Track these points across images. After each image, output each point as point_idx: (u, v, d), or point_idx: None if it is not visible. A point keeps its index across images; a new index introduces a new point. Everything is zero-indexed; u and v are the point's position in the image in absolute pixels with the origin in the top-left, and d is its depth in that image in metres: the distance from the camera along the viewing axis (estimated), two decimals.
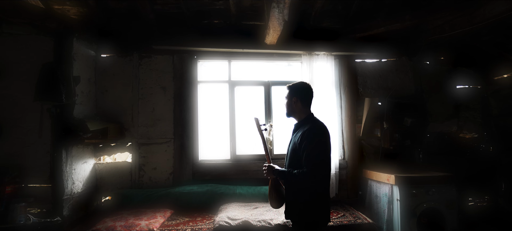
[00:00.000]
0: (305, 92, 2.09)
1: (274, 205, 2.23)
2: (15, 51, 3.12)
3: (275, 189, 2.19)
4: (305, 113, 2.08)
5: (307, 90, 2.10)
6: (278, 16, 2.68)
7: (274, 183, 2.20)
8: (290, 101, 2.10)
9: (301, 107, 2.07)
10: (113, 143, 3.63)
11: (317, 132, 1.94)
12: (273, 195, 2.20)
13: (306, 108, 2.09)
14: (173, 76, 3.82)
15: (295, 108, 2.09)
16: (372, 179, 3.62)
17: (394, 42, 4.04)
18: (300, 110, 2.08)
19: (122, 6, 3.55)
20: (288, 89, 2.14)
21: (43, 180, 3.04)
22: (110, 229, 2.86)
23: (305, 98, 2.08)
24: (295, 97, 2.07)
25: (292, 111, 2.12)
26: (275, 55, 3.98)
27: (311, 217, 1.94)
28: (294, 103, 2.08)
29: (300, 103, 2.07)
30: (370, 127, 3.92)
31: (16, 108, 3.08)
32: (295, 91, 2.09)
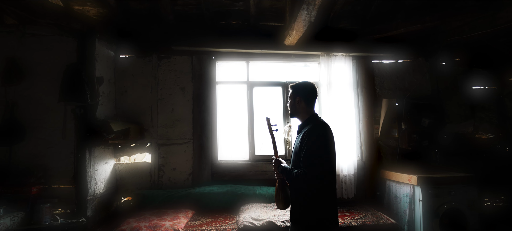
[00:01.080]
0: (309, 92, 2.04)
1: (281, 206, 2.18)
2: (38, 52, 3.12)
3: (282, 189, 2.15)
4: (308, 113, 2.04)
5: (311, 89, 2.06)
6: (305, 18, 2.69)
7: (281, 184, 2.17)
8: (294, 101, 2.07)
9: (304, 107, 2.03)
10: (133, 143, 3.64)
11: (318, 131, 1.89)
12: (280, 195, 2.16)
13: (310, 108, 2.04)
14: (192, 77, 3.83)
15: (298, 108, 2.05)
16: (391, 180, 3.64)
17: (410, 43, 4.06)
18: (304, 110, 2.04)
19: (143, 7, 3.57)
20: (291, 89, 2.11)
21: (67, 181, 3.04)
22: (135, 229, 2.86)
23: (309, 98, 2.03)
24: (298, 97, 2.04)
25: (296, 112, 2.08)
26: (293, 56, 4.00)
27: (313, 217, 1.89)
28: (298, 103, 2.04)
29: (304, 103, 2.03)
30: (388, 127, 3.93)
31: (39, 109, 3.07)
32: (299, 91, 2.05)
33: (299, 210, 1.97)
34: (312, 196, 1.88)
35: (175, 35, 3.80)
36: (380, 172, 3.85)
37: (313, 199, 1.89)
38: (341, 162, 3.76)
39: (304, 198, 1.92)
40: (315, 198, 1.88)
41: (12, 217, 2.60)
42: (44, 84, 3.09)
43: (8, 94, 3.02)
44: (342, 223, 3.06)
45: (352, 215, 3.27)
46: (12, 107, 3.01)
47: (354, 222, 3.09)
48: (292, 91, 2.09)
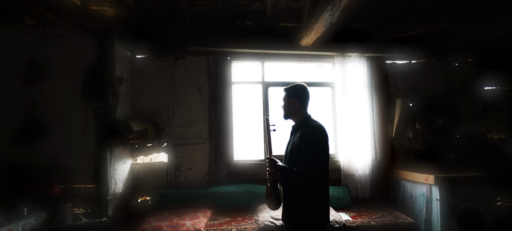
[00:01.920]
0: (303, 94, 2.10)
1: (273, 206, 2.18)
2: (58, 52, 3.13)
3: (274, 189, 2.15)
4: (303, 114, 2.09)
5: (305, 91, 2.11)
6: (327, 18, 2.71)
7: (273, 184, 2.17)
8: (288, 103, 2.11)
9: (299, 108, 2.09)
10: (150, 143, 3.65)
11: (316, 133, 1.95)
12: (272, 195, 2.15)
13: (304, 109, 2.10)
14: (208, 77, 3.85)
15: (293, 110, 2.10)
16: (406, 179, 3.67)
17: (423, 44, 4.09)
18: (298, 112, 2.09)
19: (160, 7, 3.58)
20: (285, 91, 2.14)
21: (87, 181, 3.05)
22: (156, 229, 2.88)
23: (303, 99, 2.09)
24: (293, 98, 2.08)
25: (290, 113, 2.12)
26: (307, 57, 4.02)
27: (308, 217, 1.93)
28: (292, 104, 2.09)
29: (299, 104, 2.08)
30: (402, 127, 3.97)
31: (60, 109, 3.09)
32: (293, 93, 2.10)
33: (295, 209, 1.99)
34: (311, 195, 1.93)
35: (191, 35, 3.82)
36: (394, 171, 3.88)
37: (311, 199, 1.93)
38: (356, 162, 3.79)
39: (302, 197, 1.95)
40: (313, 198, 1.93)
41: (36, 217, 2.61)
42: (65, 84, 3.10)
43: (28, 94, 3.03)
44: (361, 222, 3.09)
45: (370, 215, 3.30)
46: (33, 108, 3.02)
47: (373, 222, 3.11)
48: (286, 94, 2.13)
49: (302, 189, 1.95)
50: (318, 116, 3.94)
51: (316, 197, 1.94)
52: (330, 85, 4.11)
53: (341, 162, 3.86)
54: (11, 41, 3.10)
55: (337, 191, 3.68)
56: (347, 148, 3.82)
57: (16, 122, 2.97)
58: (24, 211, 2.58)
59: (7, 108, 3.01)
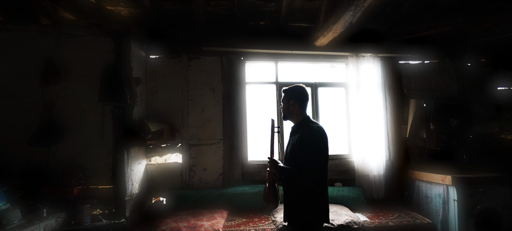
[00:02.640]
0: (302, 95, 2.11)
1: (271, 206, 2.22)
2: (75, 52, 3.12)
3: (273, 190, 2.18)
4: (301, 115, 2.11)
5: (304, 93, 2.13)
6: (347, 19, 2.70)
7: (272, 185, 2.19)
8: (287, 105, 2.13)
9: (298, 110, 2.10)
10: (164, 144, 3.64)
11: (315, 135, 1.98)
12: (270, 196, 2.18)
13: (303, 110, 2.12)
14: (222, 77, 3.83)
15: (292, 111, 2.12)
16: (421, 180, 3.66)
17: (436, 44, 4.09)
18: (297, 113, 2.11)
19: (175, 8, 3.56)
20: (284, 93, 2.17)
21: (105, 181, 3.04)
22: (175, 229, 2.87)
23: (302, 100, 2.11)
24: (292, 100, 2.10)
25: (289, 114, 2.15)
26: (321, 57, 4.01)
27: (306, 216, 1.98)
28: (292, 106, 2.11)
29: (297, 106, 2.10)
30: (416, 128, 3.96)
31: (77, 110, 3.07)
32: (292, 94, 2.12)
33: (294, 208, 2.03)
34: (309, 195, 1.97)
35: (204, 35, 3.81)
36: (408, 172, 3.88)
37: (309, 198, 1.97)
38: (370, 163, 3.78)
39: (301, 197, 1.99)
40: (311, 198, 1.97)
41: (56, 218, 2.60)
42: (81, 84, 3.09)
43: (45, 94, 3.02)
44: (379, 223, 3.09)
45: (386, 215, 3.29)
46: (50, 108, 3.01)
47: (391, 222, 3.11)
48: (285, 95, 2.15)
49: (300, 189, 1.98)
50: (332, 116, 4.00)
51: (314, 197, 1.97)
52: (344, 86, 4.10)
53: (355, 163, 3.85)
54: (27, 41, 3.08)
55: (352, 192, 3.67)
56: (361, 148, 3.82)
57: (33, 123, 2.96)
58: (43, 212, 2.57)
59: (24, 108, 3.00)
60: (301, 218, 2.00)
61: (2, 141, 2.93)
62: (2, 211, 2.30)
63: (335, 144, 4.04)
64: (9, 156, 2.88)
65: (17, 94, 3.01)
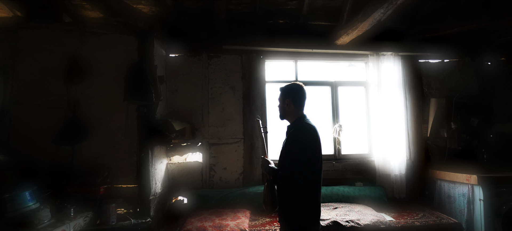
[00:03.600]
0: (297, 94, 2.01)
1: (269, 208, 2.15)
2: (98, 50, 3.10)
3: (270, 191, 2.12)
4: (297, 115, 2.00)
5: (300, 91, 2.02)
6: (377, 16, 2.68)
7: (269, 185, 2.13)
8: (283, 104, 2.03)
9: (293, 109, 2.00)
10: (185, 143, 3.61)
11: (301, 134, 1.88)
12: (268, 197, 2.12)
13: (299, 110, 2.01)
14: (242, 76, 3.81)
15: (288, 110, 2.01)
16: (443, 179, 3.64)
17: (456, 43, 4.06)
18: (293, 113, 2.01)
19: (197, 6, 3.54)
20: (280, 91, 2.07)
21: (129, 180, 3.01)
22: (200, 229, 2.85)
23: (298, 99, 2.00)
24: (287, 99, 2.00)
25: (285, 114, 2.05)
26: (340, 56, 3.99)
27: (294, 220, 1.89)
28: (287, 105, 2.00)
29: (293, 105, 1.99)
30: (437, 127, 3.93)
31: (101, 108, 3.05)
32: (288, 93, 2.02)
33: (283, 210, 1.97)
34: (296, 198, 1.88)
35: (224, 34, 3.79)
36: (429, 171, 3.85)
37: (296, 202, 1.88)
38: (391, 162, 3.76)
39: (287, 199, 1.92)
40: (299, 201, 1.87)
41: (84, 217, 2.58)
42: (105, 83, 3.07)
43: (69, 93, 3.00)
44: (404, 223, 3.06)
45: (411, 215, 3.27)
46: (74, 107, 2.99)
47: (417, 222, 3.08)
48: (281, 94, 2.06)
49: (287, 191, 1.91)
50: (351, 115, 3.96)
51: (301, 200, 1.87)
52: (364, 85, 4.08)
53: (376, 162, 3.83)
54: (51, 39, 3.06)
55: (373, 191, 3.65)
56: (381, 148, 3.79)
57: (57, 121, 2.93)
58: (71, 211, 2.54)
59: (49, 107, 2.98)
60: (288, 219, 1.92)
61: (27, 140, 2.91)
62: (33, 210, 2.28)
63: (355, 143, 4.02)
64: (33, 155, 2.86)
65: (41, 93, 2.99)
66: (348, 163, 3.86)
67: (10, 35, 3.02)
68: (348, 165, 3.85)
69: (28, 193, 2.32)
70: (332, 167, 3.82)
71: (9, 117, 2.94)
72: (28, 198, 2.31)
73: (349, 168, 3.84)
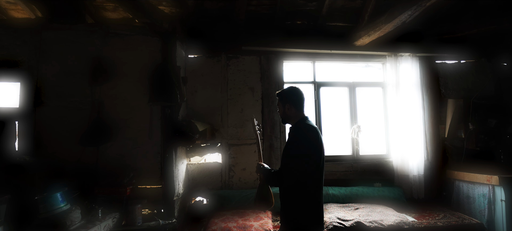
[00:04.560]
0: (297, 97, 2.01)
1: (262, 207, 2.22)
2: (122, 51, 3.10)
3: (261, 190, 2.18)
4: (299, 117, 2.01)
5: (299, 94, 2.02)
6: (403, 18, 2.69)
7: (262, 184, 2.19)
8: (284, 109, 2.03)
9: (295, 112, 2.00)
10: (205, 143, 3.61)
11: (303, 135, 1.89)
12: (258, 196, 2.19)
13: (300, 112, 2.01)
14: (261, 77, 3.82)
15: (289, 114, 2.02)
16: (461, 180, 3.65)
17: (472, 44, 4.07)
18: (295, 116, 2.01)
19: (217, 7, 3.55)
20: (278, 97, 2.08)
21: (154, 181, 3.02)
22: (225, 230, 2.86)
23: (298, 102, 2.00)
24: (288, 104, 2.00)
25: (287, 118, 2.05)
26: (358, 57, 4.00)
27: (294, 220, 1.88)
28: (288, 110, 2.01)
29: (294, 109, 1.99)
30: (454, 128, 3.95)
31: (125, 109, 3.06)
32: (287, 98, 2.02)
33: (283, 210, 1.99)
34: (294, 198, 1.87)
35: (243, 35, 3.79)
36: (446, 172, 3.86)
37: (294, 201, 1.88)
38: (409, 163, 3.77)
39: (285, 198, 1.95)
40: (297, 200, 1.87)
41: (112, 218, 2.59)
42: (129, 84, 3.07)
43: (94, 94, 3.00)
44: (427, 223, 3.08)
45: (432, 216, 3.28)
46: (98, 108, 2.99)
47: (439, 223, 3.10)
48: (280, 99, 2.06)
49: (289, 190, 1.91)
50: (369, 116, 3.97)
51: (303, 199, 1.85)
52: (381, 85, 4.09)
53: (394, 163, 3.84)
54: (74, 40, 3.06)
55: (392, 192, 3.66)
56: (399, 148, 3.80)
57: (81, 122, 2.94)
58: (99, 212, 2.55)
59: (73, 108, 2.98)
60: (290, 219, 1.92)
61: (51, 141, 2.92)
62: (65, 211, 2.29)
63: (372, 144, 4.03)
64: (58, 156, 2.87)
65: (65, 94, 2.99)
66: (366, 164, 3.87)
67: (34, 37, 3.03)
68: (366, 166, 3.86)
69: (59, 194, 2.33)
70: (350, 168, 3.83)
71: (34, 118, 2.94)
72: (59, 199, 2.32)
73: (368, 169, 3.86)
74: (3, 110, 2.96)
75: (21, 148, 2.89)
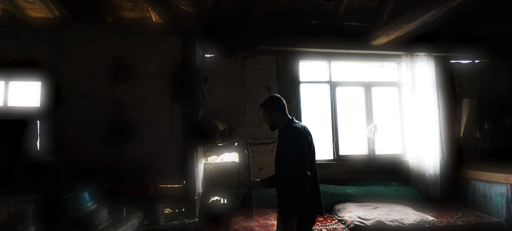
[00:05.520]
0: (279, 104, 2.20)
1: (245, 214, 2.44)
2: (142, 50, 3.10)
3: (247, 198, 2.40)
4: (285, 119, 2.19)
5: (281, 101, 2.22)
6: (426, 18, 2.70)
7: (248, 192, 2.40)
8: (270, 117, 2.21)
9: (280, 117, 2.19)
10: (222, 142, 3.61)
11: (293, 133, 2.04)
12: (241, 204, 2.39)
13: (284, 117, 2.20)
14: (277, 77, 3.83)
15: (276, 120, 2.20)
16: (477, 179, 3.67)
17: (487, 44, 4.09)
18: (281, 120, 2.20)
19: (235, 6, 3.55)
20: (264, 107, 2.24)
21: (175, 181, 3.02)
22: (247, 229, 2.87)
23: (281, 108, 2.19)
24: (273, 111, 2.18)
25: (275, 124, 2.23)
26: (373, 56, 4.01)
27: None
28: (274, 116, 2.19)
29: (279, 114, 2.18)
30: (469, 127, 3.96)
31: (146, 109, 3.05)
32: (273, 106, 2.19)
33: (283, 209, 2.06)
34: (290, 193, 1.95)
35: (259, 34, 3.80)
36: (462, 171, 3.88)
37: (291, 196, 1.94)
38: (426, 162, 3.78)
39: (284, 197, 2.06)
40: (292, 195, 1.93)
41: (137, 218, 2.59)
42: (150, 83, 3.07)
43: (115, 93, 3.00)
44: (447, 222, 3.09)
45: (451, 215, 3.29)
46: (119, 107, 2.99)
47: (459, 221, 3.11)
48: (265, 109, 2.23)
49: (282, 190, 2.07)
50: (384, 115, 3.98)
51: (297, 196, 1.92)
52: (396, 85, 4.10)
53: (410, 162, 3.85)
54: (95, 39, 3.06)
55: (408, 191, 3.68)
56: (415, 148, 3.82)
57: (102, 122, 2.94)
58: (123, 212, 2.55)
59: (94, 107, 2.98)
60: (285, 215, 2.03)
61: (72, 141, 2.91)
62: (93, 211, 2.28)
63: (388, 143, 4.04)
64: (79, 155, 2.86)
65: (86, 93, 2.99)
66: (382, 163, 3.89)
67: (54, 36, 3.02)
68: (382, 165, 3.88)
69: (87, 194, 2.33)
70: (367, 167, 3.84)
71: (55, 118, 2.94)
72: (87, 199, 2.32)
73: (384, 168, 3.87)
74: (25, 110, 2.96)
75: (42, 147, 2.88)
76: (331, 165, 3.81)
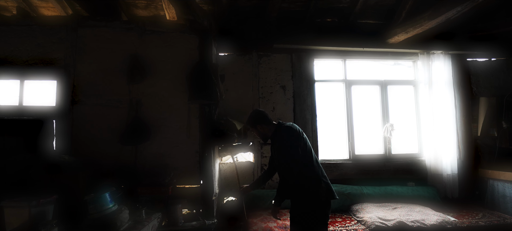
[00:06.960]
0: (261, 117, 2.34)
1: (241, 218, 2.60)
2: (159, 49, 3.06)
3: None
4: (273, 128, 2.32)
5: (261, 113, 2.37)
6: (450, 15, 2.64)
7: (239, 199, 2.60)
8: (260, 131, 2.35)
9: (267, 128, 2.33)
10: (237, 142, 3.56)
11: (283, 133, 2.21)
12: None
13: (270, 125, 2.33)
14: (292, 75, 3.78)
15: (266, 132, 2.34)
16: (496, 179, 3.61)
17: (502, 42, 4.02)
18: (269, 129, 2.33)
19: (250, 4, 3.50)
20: (250, 124, 2.39)
21: (193, 181, 2.98)
22: (266, 229, 2.83)
23: (266, 120, 2.33)
24: (259, 125, 2.32)
25: (265, 135, 2.36)
26: (389, 55, 3.95)
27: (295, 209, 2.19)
28: (261, 128, 2.33)
29: (266, 126, 2.32)
30: (487, 126, 3.90)
31: (162, 108, 3.01)
32: (258, 121, 2.33)
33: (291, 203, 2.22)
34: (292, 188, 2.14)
35: (274, 33, 3.74)
36: (479, 171, 3.82)
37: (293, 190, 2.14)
38: (443, 162, 3.73)
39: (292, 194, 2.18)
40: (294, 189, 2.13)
41: (157, 218, 2.55)
42: (166, 82, 3.03)
43: (132, 92, 2.96)
44: (469, 223, 3.04)
45: (471, 215, 3.24)
46: (136, 106, 2.95)
47: (481, 222, 3.06)
48: (252, 126, 2.38)
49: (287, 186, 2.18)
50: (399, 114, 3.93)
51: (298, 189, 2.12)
52: (413, 83, 4.05)
53: (427, 162, 3.80)
54: (111, 38, 3.02)
55: (426, 191, 3.62)
56: (432, 147, 3.76)
57: (119, 121, 2.91)
58: (142, 212, 2.51)
59: (111, 106, 2.94)
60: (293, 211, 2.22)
61: (89, 140, 2.88)
62: (115, 212, 2.24)
63: (404, 142, 3.98)
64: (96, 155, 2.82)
65: (102, 92, 2.95)
66: (399, 163, 3.83)
67: (70, 34, 2.98)
68: (398, 165, 3.82)
69: (108, 195, 2.29)
70: (383, 167, 3.79)
71: (71, 117, 2.90)
72: (108, 199, 2.27)
73: (400, 168, 3.81)
74: (41, 109, 2.92)
75: (58, 147, 2.85)
76: (346, 164, 3.75)
